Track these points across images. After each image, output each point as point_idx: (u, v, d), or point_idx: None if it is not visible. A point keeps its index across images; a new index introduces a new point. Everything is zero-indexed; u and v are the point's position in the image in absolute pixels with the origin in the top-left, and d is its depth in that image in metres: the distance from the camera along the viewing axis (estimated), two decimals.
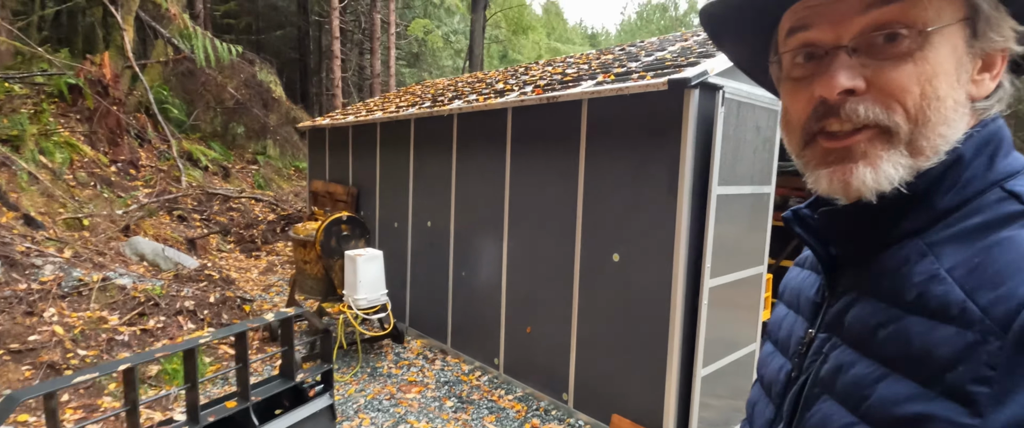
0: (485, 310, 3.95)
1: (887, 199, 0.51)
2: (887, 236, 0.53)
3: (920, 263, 0.49)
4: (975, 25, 0.50)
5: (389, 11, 13.98)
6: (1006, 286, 0.42)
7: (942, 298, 0.46)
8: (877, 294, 0.52)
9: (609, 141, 2.99)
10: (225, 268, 6.25)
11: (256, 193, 8.93)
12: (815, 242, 0.60)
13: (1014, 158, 0.52)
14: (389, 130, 5.02)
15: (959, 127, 0.51)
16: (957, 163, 0.50)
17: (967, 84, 0.51)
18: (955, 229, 0.49)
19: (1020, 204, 0.47)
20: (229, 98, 10.24)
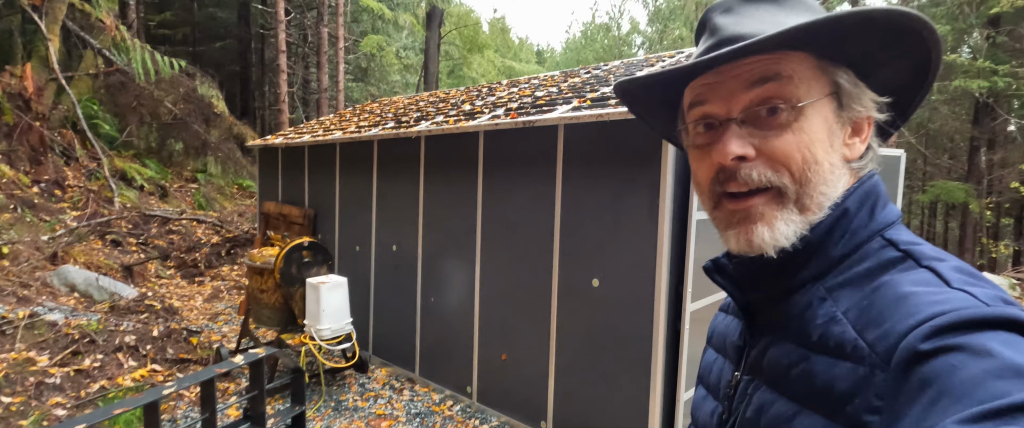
0: (456, 337, 3.84)
1: (789, 251, 0.57)
2: (793, 282, 0.60)
3: (821, 306, 0.56)
4: (840, 99, 0.59)
5: (338, 25, 13.67)
6: (887, 324, 0.48)
7: (839, 337, 0.52)
8: (788, 336, 0.58)
9: (587, 166, 2.99)
10: (167, 296, 5.82)
11: (198, 214, 8.43)
12: (733, 289, 0.67)
13: (890, 209, 0.60)
14: (350, 150, 4.84)
15: (838, 185, 0.58)
16: (844, 216, 0.57)
17: (841, 148, 0.59)
18: (848, 274, 0.56)
19: (897, 251, 0.55)
20: (166, 113, 9.66)
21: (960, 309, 0.45)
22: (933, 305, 0.47)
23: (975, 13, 13.73)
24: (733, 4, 0.63)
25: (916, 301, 0.48)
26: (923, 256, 0.53)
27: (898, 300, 0.49)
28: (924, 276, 0.51)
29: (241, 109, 15.79)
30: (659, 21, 22.35)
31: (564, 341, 3.15)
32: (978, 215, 15.24)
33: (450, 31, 15.50)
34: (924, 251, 0.54)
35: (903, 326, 0.47)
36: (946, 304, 0.46)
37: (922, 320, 0.46)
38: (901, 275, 0.52)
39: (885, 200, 0.60)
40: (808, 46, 0.57)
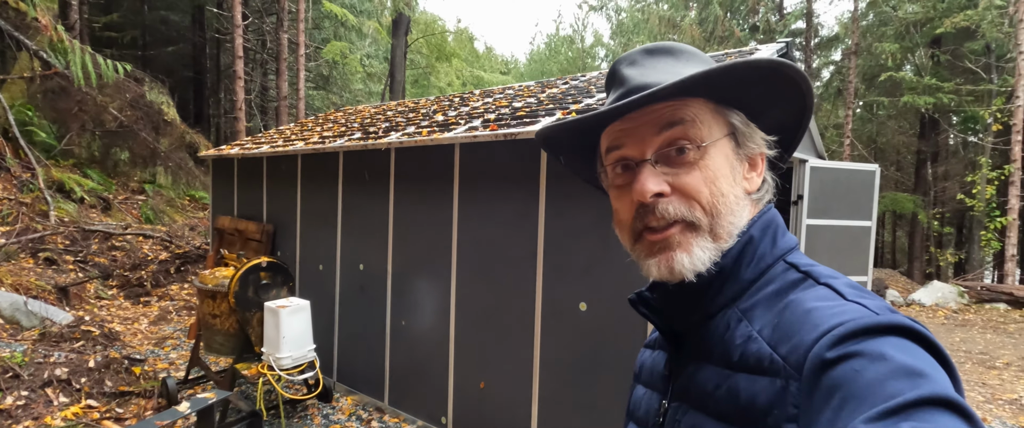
0: (430, 363, 3.59)
1: (705, 277, 0.62)
2: (711, 307, 0.64)
3: (739, 327, 0.60)
4: (736, 138, 0.66)
5: (298, 31, 13.20)
6: (796, 337, 0.53)
7: (757, 354, 0.56)
8: (711, 358, 0.62)
9: (574, 183, 2.81)
10: (107, 320, 5.33)
11: (144, 228, 7.86)
12: (658, 320, 0.70)
13: (788, 237, 0.67)
14: (313, 162, 4.54)
15: (743, 215, 0.65)
16: (750, 243, 0.64)
17: (742, 181, 0.66)
18: (758, 296, 0.61)
19: (798, 272, 0.61)
20: (111, 120, 9.05)
21: (857, 319, 0.50)
22: (834, 317, 0.52)
23: (920, 33, 14.40)
24: (637, 57, 0.70)
25: (819, 314, 0.53)
26: (820, 275, 0.60)
27: (804, 315, 0.54)
28: (823, 292, 0.57)
29: (194, 116, 15.06)
30: (622, 35, 22.62)
31: (548, 368, 2.95)
32: (926, 225, 15.93)
33: (417, 39, 15.22)
34: (820, 271, 0.61)
35: (810, 337, 0.51)
36: (844, 315, 0.51)
37: (825, 330, 0.50)
38: (804, 293, 0.58)
39: (784, 229, 0.67)
40: (706, 92, 0.64)
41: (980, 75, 12.99)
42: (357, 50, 15.46)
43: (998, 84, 12.56)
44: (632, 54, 0.71)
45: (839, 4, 22.17)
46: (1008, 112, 11.49)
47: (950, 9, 12.86)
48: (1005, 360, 6.32)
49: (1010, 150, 11.25)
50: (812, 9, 16.48)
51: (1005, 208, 11.40)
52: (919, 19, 13.87)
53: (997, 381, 5.57)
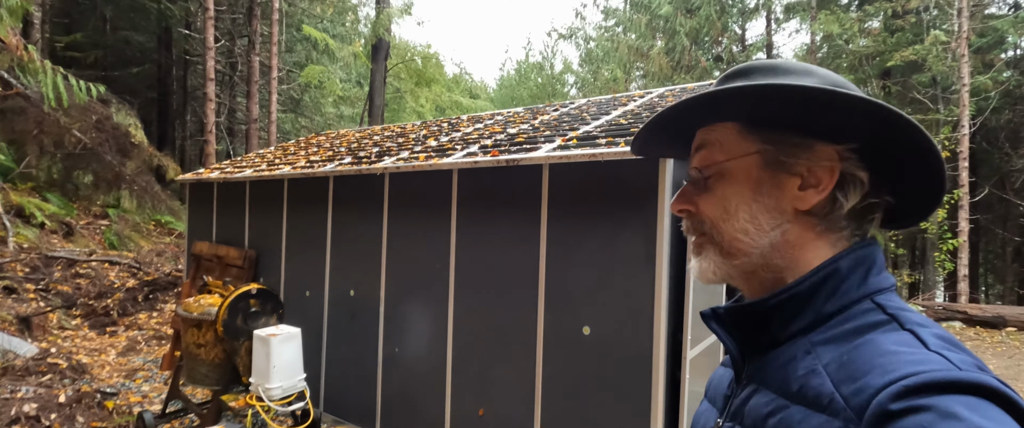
0: (425, 390, 3.53)
1: (775, 300, 0.63)
2: (781, 334, 0.63)
3: (804, 359, 0.59)
4: (766, 156, 0.65)
5: (271, 54, 13.08)
6: (863, 380, 0.51)
7: (817, 390, 0.54)
8: (770, 385, 0.62)
9: (575, 207, 2.86)
10: (74, 352, 5.07)
11: (110, 254, 7.54)
12: (726, 337, 0.70)
13: (884, 277, 0.63)
14: (301, 187, 4.47)
15: (764, 235, 0.64)
16: (834, 275, 0.61)
17: (777, 199, 0.64)
18: (834, 331, 0.59)
19: (884, 314, 0.58)
20: (74, 142, 8.72)
21: (933, 371, 0.47)
22: (908, 365, 0.49)
23: (871, 65, 15.26)
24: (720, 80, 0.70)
25: (893, 360, 0.51)
26: (907, 321, 0.57)
27: (876, 357, 0.52)
28: (904, 338, 0.54)
29: (159, 139, 14.62)
30: (591, 63, 23.19)
31: (551, 394, 2.95)
32: (884, 246, 16.64)
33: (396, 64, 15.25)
34: (909, 316, 0.58)
35: (878, 383, 0.49)
36: (921, 365, 0.49)
37: (896, 378, 0.48)
38: (883, 335, 0.55)
39: (880, 267, 0.64)
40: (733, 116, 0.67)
41: (928, 105, 13.81)
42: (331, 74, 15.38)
43: (945, 114, 13.37)
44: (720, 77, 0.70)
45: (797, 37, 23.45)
46: (955, 140, 12.24)
47: (899, 44, 13.70)
48: None
49: (958, 175, 11.94)
50: (772, 41, 17.31)
51: (956, 230, 12.04)
52: (870, 52, 14.72)
53: None
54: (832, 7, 14.90)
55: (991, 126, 15.14)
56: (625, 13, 19.68)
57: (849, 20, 14.03)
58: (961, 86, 11.62)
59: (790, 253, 0.64)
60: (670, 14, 16.89)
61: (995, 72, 12.88)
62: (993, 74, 12.76)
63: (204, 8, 10.99)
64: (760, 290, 0.68)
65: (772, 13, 17.21)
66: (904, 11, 13.59)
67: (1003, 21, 12.51)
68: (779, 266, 0.65)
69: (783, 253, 0.65)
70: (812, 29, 15.10)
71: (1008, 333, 9.46)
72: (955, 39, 11.84)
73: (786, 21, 17.60)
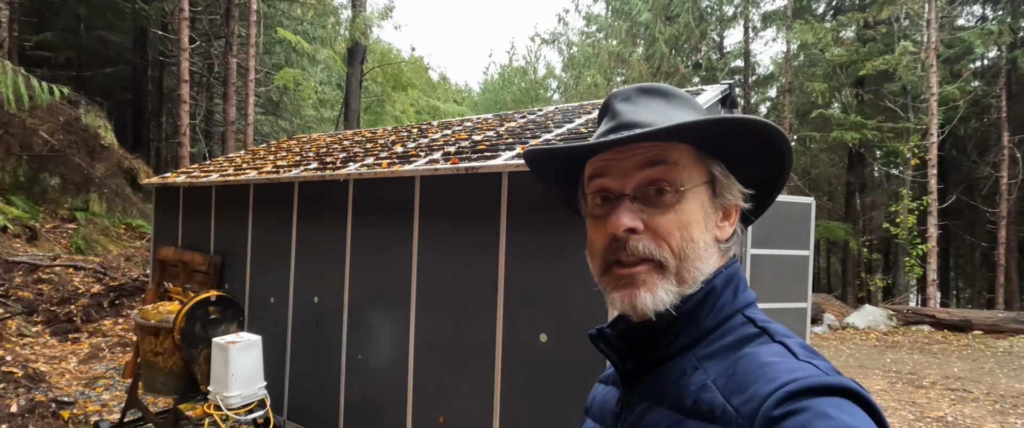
0: (388, 398, 3.51)
1: (665, 319, 0.65)
2: (668, 350, 0.66)
3: (694, 374, 0.62)
4: (714, 186, 0.69)
5: (248, 56, 12.95)
6: (749, 390, 0.56)
7: (710, 403, 0.58)
8: (663, 402, 0.64)
9: (533, 216, 2.87)
10: (31, 360, 4.94)
11: (75, 259, 7.39)
12: (615, 357, 0.72)
13: (748, 292, 0.69)
14: (266, 192, 4.43)
15: (710, 262, 0.67)
16: (712, 293, 0.66)
17: (713, 229, 0.69)
18: (715, 346, 0.64)
19: (755, 327, 0.64)
20: (40, 143, 8.54)
21: (806, 378, 0.53)
22: (786, 374, 0.55)
23: (845, 74, 15.58)
24: (631, 94, 0.73)
25: (771, 370, 0.56)
26: (776, 333, 0.63)
27: (758, 369, 0.57)
28: (777, 349, 0.60)
29: (133, 141, 14.36)
30: (573, 68, 23.33)
31: (509, 400, 2.95)
32: (857, 252, 16.96)
33: (373, 68, 15.17)
34: (776, 328, 0.64)
35: (762, 392, 0.54)
36: (795, 373, 0.54)
37: (777, 386, 0.53)
38: (759, 348, 0.61)
39: (745, 283, 0.70)
40: (693, 140, 0.68)
41: (899, 114, 14.13)
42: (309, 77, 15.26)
43: (915, 122, 13.70)
44: (627, 90, 0.74)
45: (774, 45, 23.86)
46: (924, 148, 12.54)
47: (871, 53, 14.00)
48: (931, 379, 6.75)
49: (927, 182, 12.23)
50: (750, 49, 17.59)
51: (925, 236, 12.32)
52: (844, 61, 15.03)
53: (924, 400, 5.93)
54: (807, 16, 15.19)
55: (959, 134, 15.56)
56: (607, 19, 19.86)
57: (823, 29, 14.32)
58: (930, 95, 11.92)
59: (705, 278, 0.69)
60: (650, 21, 17.08)
61: (963, 82, 13.24)
62: (961, 84, 13.11)
63: (179, 9, 10.84)
64: None
65: (749, 22, 17.49)
66: (876, 22, 13.91)
67: (970, 33, 12.86)
68: None
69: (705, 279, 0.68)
70: (788, 38, 15.38)
71: (974, 336, 9.69)
72: (924, 50, 12.15)
73: (763, 29, 17.91)
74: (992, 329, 9.91)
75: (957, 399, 5.95)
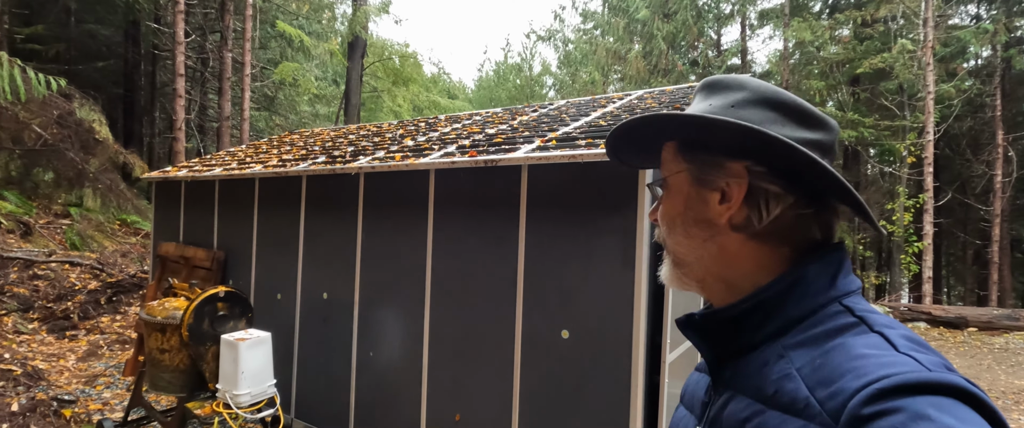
0: (401, 396, 3.45)
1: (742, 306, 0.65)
2: (753, 339, 0.65)
3: (778, 363, 0.60)
4: (693, 173, 0.70)
5: (244, 50, 12.77)
6: (837, 384, 0.51)
7: (793, 394, 0.55)
8: (745, 391, 0.62)
9: (554, 209, 2.82)
10: (29, 358, 4.83)
11: (71, 255, 7.25)
12: (700, 343, 0.71)
13: (850, 280, 0.64)
14: (272, 186, 4.35)
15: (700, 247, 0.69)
16: (801, 280, 0.63)
17: (705, 214, 0.69)
18: (804, 335, 0.60)
19: (853, 317, 0.59)
20: (33, 138, 8.37)
21: (904, 373, 0.48)
22: (880, 368, 0.50)
23: (841, 72, 15.64)
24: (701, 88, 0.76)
25: (865, 363, 0.51)
26: (875, 323, 0.58)
27: (849, 361, 0.53)
28: (875, 340, 0.55)
29: (125, 136, 14.15)
30: (569, 65, 23.28)
31: (528, 398, 2.90)
32: (852, 249, 17.06)
33: (373, 62, 15.04)
34: (877, 318, 0.59)
35: (851, 386, 0.50)
36: (892, 368, 0.49)
37: (869, 382, 0.49)
38: (854, 338, 0.56)
39: (847, 270, 0.66)
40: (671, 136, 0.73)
41: (895, 112, 14.20)
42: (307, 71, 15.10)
43: (911, 120, 13.77)
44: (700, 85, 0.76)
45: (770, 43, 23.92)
46: (920, 146, 12.61)
47: (867, 52, 14.06)
48: None
49: (923, 180, 12.30)
50: (746, 47, 17.62)
51: (920, 233, 12.40)
52: (840, 59, 15.09)
53: None
54: (804, 14, 15.23)
55: (954, 133, 15.66)
56: (603, 16, 19.82)
57: (820, 28, 14.36)
58: (926, 94, 11.98)
59: (731, 263, 0.68)
60: (647, 18, 17.06)
61: (958, 80, 13.33)
62: (956, 82, 13.20)
63: (174, 2, 10.67)
64: (720, 298, 0.70)
65: (747, 19, 17.52)
66: (873, 20, 13.97)
67: (966, 32, 12.95)
68: (724, 275, 0.69)
69: (724, 263, 0.68)
70: (785, 36, 15.42)
71: (970, 333, 9.77)
72: (921, 48, 12.20)
73: (760, 27, 17.94)
74: (987, 326, 9.99)
75: None
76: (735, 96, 0.70)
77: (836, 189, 0.63)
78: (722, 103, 0.70)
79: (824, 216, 0.67)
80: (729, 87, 0.72)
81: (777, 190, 0.66)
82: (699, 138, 0.70)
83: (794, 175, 0.65)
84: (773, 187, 0.66)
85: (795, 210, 0.66)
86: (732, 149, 0.67)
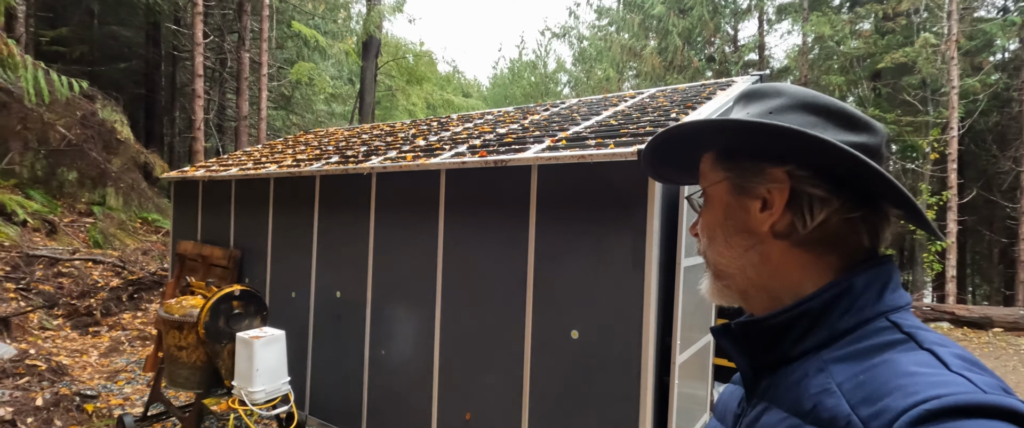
0: (412, 394, 3.48)
1: (782, 316, 0.62)
2: (792, 350, 0.62)
3: (817, 377, 0.57)
4: (732, 182, 0.68)
5: (261, 50, 12.94)
6: (883, 402, 0.49)
7: (833, 411, 0.53)
8: (782, 404, 0.60)
9: (564, 209, 2.81)
10: (54, 353, 4.96)
11: (93, 253, 7.42)
12: (737, 353, 0.69)
13: (900, 295, 0.61)
14: (287, 186, 4.40)
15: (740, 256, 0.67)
16: (849, 291, 0.60)
17: (747, 223, 0.67)
18: (848, 349, 0.58)
19: (900, 333, 0.57)
20: (58, 138, 8.58)
21: (957, 394, 0.46)
22: (930, 387, 0.47)
23: (862, 67, 15.33)
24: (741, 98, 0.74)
25: (914, 381, 0.49)
26: (925, 340, 0.55)
27: (895, 378, 0.50)
28: (924, 358, 0.52)
29: (146, 135, 14.43)
30: (584, 62, 23.16)
31: (539, 399, 2.90)
32: None
33: (387, 62, 15.13)
34: (927, 336, 0.56)
35: (899, 406, 0.47)
36: (943, 387, 0.47)
37: (918, 402, 0.46)
38: (902, 355, 0.53)
39: (896, 284, 0.63)
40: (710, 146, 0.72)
41: (917, 107, 13.89)
42: (322, 71, 15.25)
43: (934, 116, 13.46)
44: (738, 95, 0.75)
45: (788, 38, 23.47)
46: (944, 142, 12.32)
47: (889, 46, 13.77)
48: None
49: (946, 177, 12.02)
50: (764, 42, 17.36)
51: (944, 231, 12.12)
52: (861, 54, 14.79)
53: None
54: (824, 8, 14.96)
55: (979, 128, 15.27)
56: (618, 12, 19.66)
57: (840, 22, 14.09)
58: (950, 89, 11.70)
59: (775, 273, 0.66)
60: (663, 14, 16.89)
61: (984, 75, 12.99)
62: (982, 77, 12.86)
63: (193, 3, 10.85)
64: (762, 308, 0.68)
65: (764, 14, 17.26)
66: (895, 13, 13.67)
67: (992, 24, 12.61)
68: (768, 285, 0.67)
69: (768, 273, 0.66)
70: (804, 30, 15.16)
71: (995, 334, 9.53)
72: (945, 42, 11.91)
73: (778, 22, 17.65)
74: (1013, 326, 9.73)
75: None
76: (773, 103, 0.68)
77: (887, 191, 0.60)
78: (760, 110, 0.68)
79: (872, 221, 0.64)
80: (766, 95, 0.70)
81: (822, 194, 0.63)
82: (738, 146, 0.69)
83: (840, 179, 0.63)
84: (817, 191, 0.63)
85: (841, 215, 0.63)
86: (773, 155, 0.65)
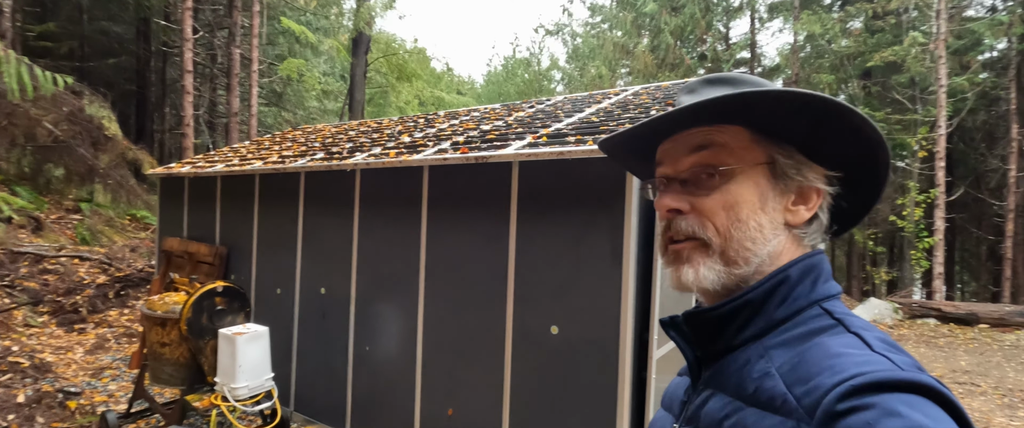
0: (395, 390, 3.49)
1: (730, 306, 0.64)
2: (735, 339, 0.65)
3: (759, 363, 0.60)
4: (774, 168, 0.67)
5: (252, 46, 12.87)
6: (814, 381, 0.53)
7: (771, 391, 0.56)
8: (726, 389, 0.63)
9: (544, 206, 2.83)
10: (37, 350, 4.94)
11: (81, 250, 7.37)
12: (684, 344, 0.72)
13: (830, 284, 0.66)
14: (272, 182, 4.40)
15: (769, 243, 0.65)
16: (785, 282, 0.63)
17: (780, 212, 0.67)
18: (785, 336, 0.61)
19: (831, 319, 0.61)
20: (45, 134, 8.50)
21: (877, 371, 0.50)
22: (855, 366, 0.51)
23: (852, 65, 15.43)
24: (695, 86, 0.72)
25: (841, 361, 0.53)
26: (852, 325, 0.59)
27: (826, 359, 0.54)
28: (851, 341, 0.56)
29: (136, 132, 14.34)
30: (578, 59, 23.19)
31: (519, 393, 2.92)
32: (862, 245, 16.89)
33: (377, 58, 15.08)
34: (854, 321, 0.60)
35: (827, 383, 0.51)
36: (866, 366, 0.51)
37: (844, 379, 0.50)
38: (831, 338, 0.57)
39: (827, 275, 0.67)
40: (745, 120, 0.67)
41: (906, 106, 14.00)
42: (313, 67, 15.18)
43: (922, 114, 13.57)
44: (693, 82, 0.74)
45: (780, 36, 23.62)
46: (932, 140, 12.42)
47: (879, 45, 13.86)
48: (938, 373, 6.71)
49: (934, 175, 12.13)
50: (755, 40, 17.43)
51: (932, 229, 12.24)
52: (851, 53, 14.88)
53: None
54: (815, 7, 15.04)
55: (967, 127, 15.40)
56: (611, 10, 19.70)
57: (831, 20, 14.18)
58: (938, 87, 11.80)
59: (775, 263, 0.66)
60: (655, 12, 16.93)
61: (971, 74, 13.10)
62: (969, 76, 12.98)
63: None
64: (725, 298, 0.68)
65: (756, 12, 17.33)
66: (884, 12, 13.77)
67: (980, 24, 12.72)
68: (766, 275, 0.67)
69: (772, 263, 0.66)
70: (795, 29, 15.23)
71: (980, 330, 9.64)
72: (933, 41, 12.00)
73: (770, 20, 17.74)
74: (999, 323, 9.85)
75: (965, 393, 5.92)
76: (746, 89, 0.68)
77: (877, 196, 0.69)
78: None
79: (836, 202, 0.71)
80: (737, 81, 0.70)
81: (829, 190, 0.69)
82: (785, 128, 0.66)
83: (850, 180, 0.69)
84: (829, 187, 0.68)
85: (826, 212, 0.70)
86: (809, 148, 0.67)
